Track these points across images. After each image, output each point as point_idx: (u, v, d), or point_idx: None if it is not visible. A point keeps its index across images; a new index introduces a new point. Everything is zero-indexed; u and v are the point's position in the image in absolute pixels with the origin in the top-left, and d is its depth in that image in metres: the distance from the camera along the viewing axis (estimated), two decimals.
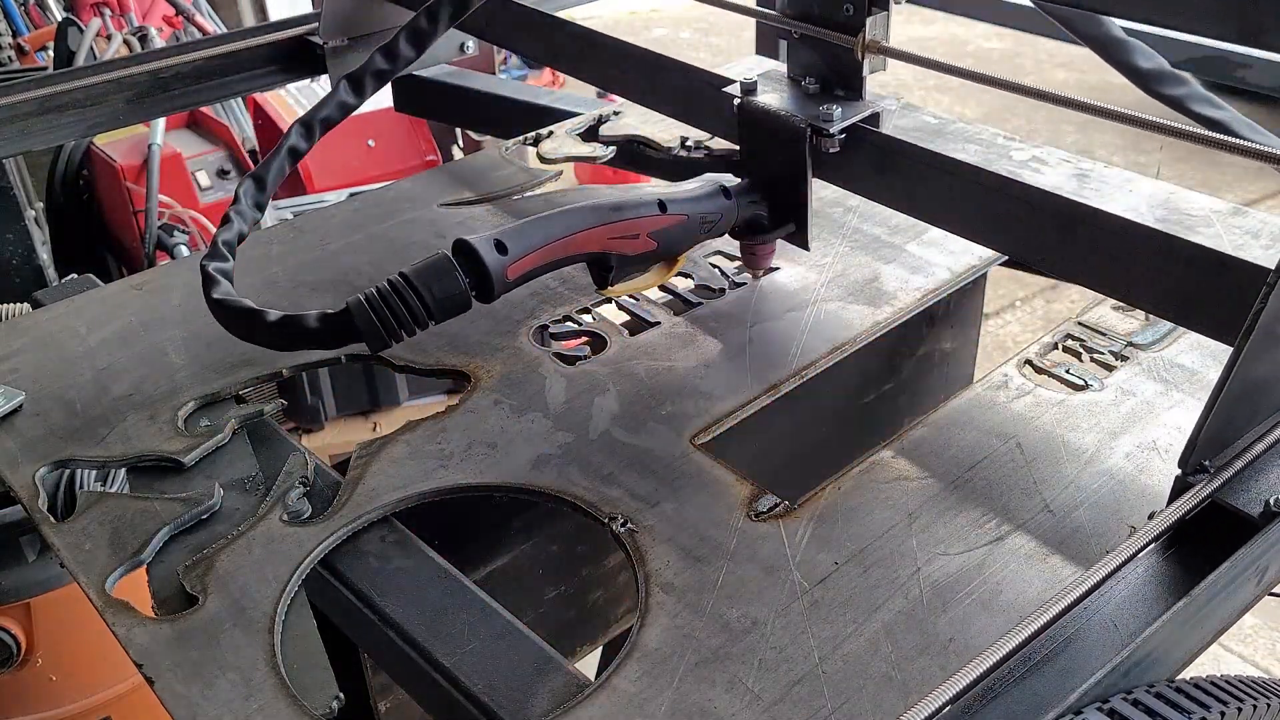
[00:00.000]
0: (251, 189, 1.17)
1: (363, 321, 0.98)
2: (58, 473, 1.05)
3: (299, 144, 1.23)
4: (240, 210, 1.15)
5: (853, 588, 0.87)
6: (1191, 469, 0.86)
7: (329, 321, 1.00)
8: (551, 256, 1.04)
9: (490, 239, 1.00)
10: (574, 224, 1.04)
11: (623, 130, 1.63)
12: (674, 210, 1.11)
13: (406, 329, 0.99)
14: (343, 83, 1.26)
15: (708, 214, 1.14)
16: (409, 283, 0.98)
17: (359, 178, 3.15)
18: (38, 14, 4.26)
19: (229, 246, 1.11)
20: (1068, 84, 6.74)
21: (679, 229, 1.11)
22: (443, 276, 0.99)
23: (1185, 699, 0.79)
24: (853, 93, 1.16)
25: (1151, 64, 0.94)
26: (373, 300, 0.98)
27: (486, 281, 1.00)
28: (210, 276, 1.07)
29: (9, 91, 1.46)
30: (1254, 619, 3.18)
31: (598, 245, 1.06)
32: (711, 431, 1.05)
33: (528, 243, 1.01)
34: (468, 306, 1.01)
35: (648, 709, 0.78)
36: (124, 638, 0.85)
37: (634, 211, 1.08)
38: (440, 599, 0.90)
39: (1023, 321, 4.35)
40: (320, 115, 1.25)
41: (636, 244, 1.08)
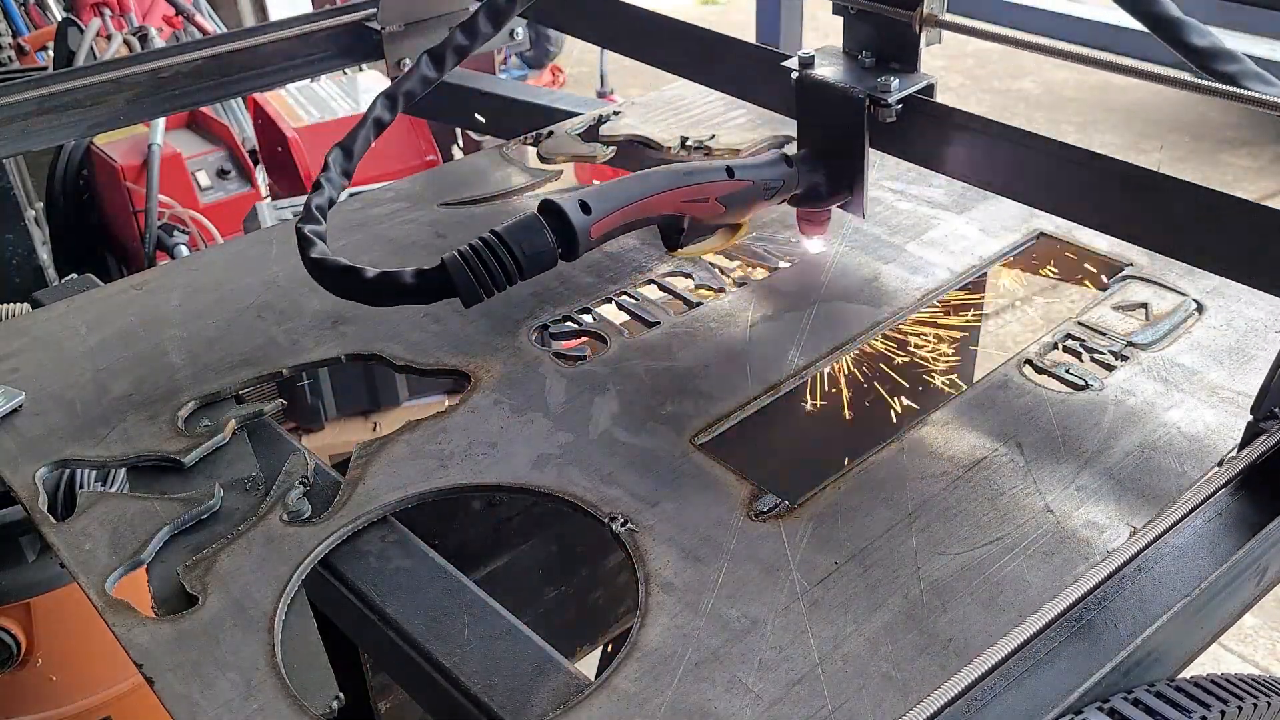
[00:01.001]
0: (340, 156, 1.22)
1: (458, 276, 1.02)
2: (58, 473, 1.05)
3: (383, 115, 1.27)
4: (330, 177, 1.20)
5: (853, 588, 0.87)
6: (1263, 415, 0.91)
7: (424, 277, 1.04)
8: (631, 217, 1.10)
9: (575, 199, 1.05)
10: (651, 186, 1.11)
11: (623, 130, 1.63)
12: (740, 176, 1.17)
13: (498, 284, 1.04)
14: (424, 57, 1.30)
15: (770, 180, 1.20)
16: (501, 240, 1.03)
17: (359, 178, 3.14)
18: (38, 14, 4.25)
19: (321, 210, 1.16)
20: (1068, 83, 6.74)
21: (744, 194, 1.18)
22: (533, 234, 1.04)
23: (1186, 698, 0.79)
24: (908, 65, 1.21)
25: (1206, 41, 0.96)
26: (467, 256, 1.02)
27: (572, 240, 1.05)
28: (306, 238, 1.11)
29: (9, 91, 1.46)
30: (1254, 619, 3.18)
31: (671, 207, 1.13)
32: (711, 431, 1.05)
33: (610, 203, 1.07)
34: (554, 264, 1.06)
35: (648, 709, 0.78)
36: (124, 638, 0.85)
37: (704, 176, 1.15)
38: (440, 599, 0.90)
39: (1023, 321, 4.35)
40: (404, 89, 1.29)
41: (705, 207, 1.15)
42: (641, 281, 1.29)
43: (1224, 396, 1.06)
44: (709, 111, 1.68)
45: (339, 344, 1.20)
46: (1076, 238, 1.34)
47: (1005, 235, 1.35)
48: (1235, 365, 1.11)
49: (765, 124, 1.62)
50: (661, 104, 1.72)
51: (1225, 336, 1.15)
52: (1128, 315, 1.19)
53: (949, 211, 1.41)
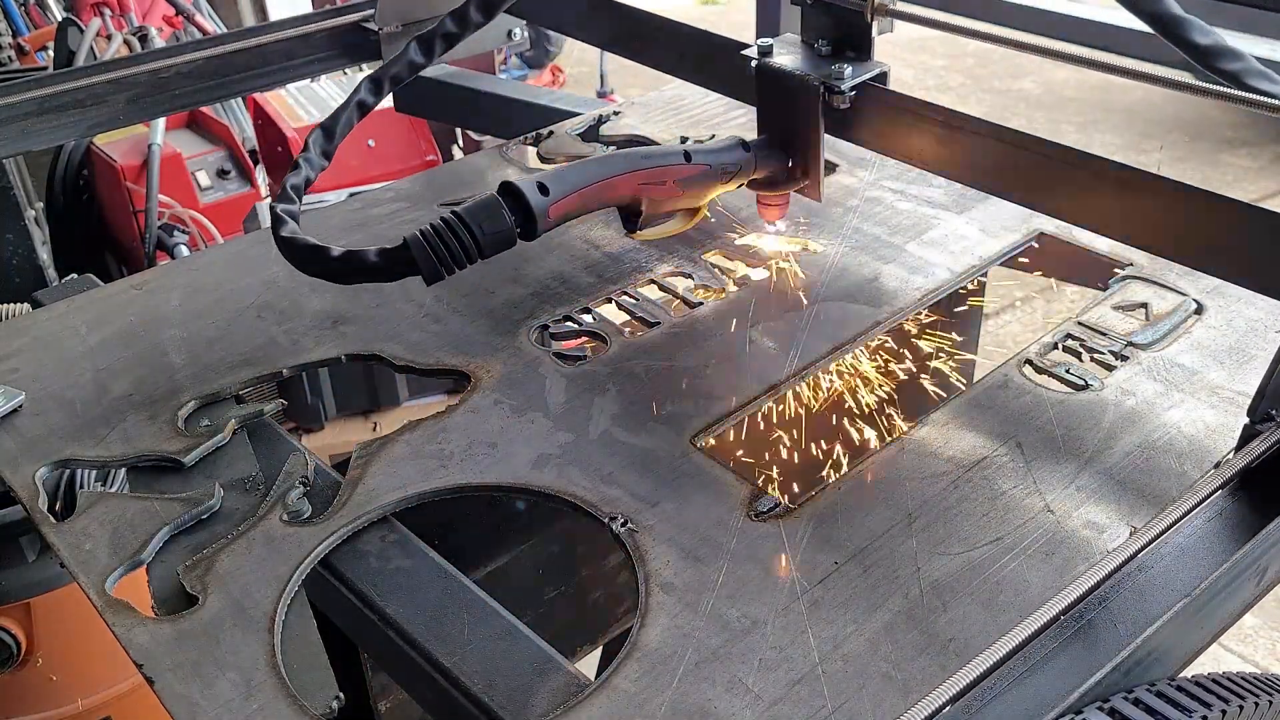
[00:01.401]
0: (320, 138, 1.23)
1: (420, 255, 1.05)
2: (58, 473, 1.05)
3: (367, 98, 1.28)
4: (308, 157, 1.22)
5: (853, 588, 0.87)
6: (1260, 417, 0.92)
7: (388, 256, 1.06)
8: (589, 199, 1.13)
9: (534, 181, 1.08)
10: (609, 169, 1.14)
11: (622, 130, 1.63)
12: (697, 160, 1.20)
13: (458, 262, 1.06)
14: (413, 43, 1.31)
15: (728, 164, 1.23)
16: (461, 220, 1.05)
17: (359, 178, 3.15)
18: (38, 14, 4.25)
19: (296, 190, 1.18)
20: (1068, 82, 6.74)
21: (701, 177, 1.21)
22: (492, 214, 1.06)
23: (1187, 697, 0.79)
24: (862, 54, 1.24)
25: (1209, 40, 0.97)
26: (428, 235, 1.05)
27: (530, 220, 1.07)
28: (279, 217, 1.13)
29: (9, 91, 1.46)
30: (1254, 619, 3.18)
31: (630, 190, 1.16)
32: (711, 431, 1.05)
33: (568, 185, 1.10)
34: (513, 243, 1.08)
35: (648, 709, 0.78)
36: (124, 638, 0.85)
37: (662, 160, 1.18)
38: (440, 599, 0.90)
39: (1023, 321, 4.35)
40: (390, 72, 1.30)
41: (664, 190, 1.18)
42: (641, 281, 1.29)
43: (1224, 396, 1.06)
44: (709, 111, 1.68)
45: (339, 344, 1.20)
46: (1076, 238, 1.34)
47: (1005, 235, 1.35)
48: (1235, 365, 1.11)
49: None
50: (661, 104, 1.72)
51: (1225, 336, 1.15)
52: (1128, 315, 1.19)
53: (949, 211, 1.41)
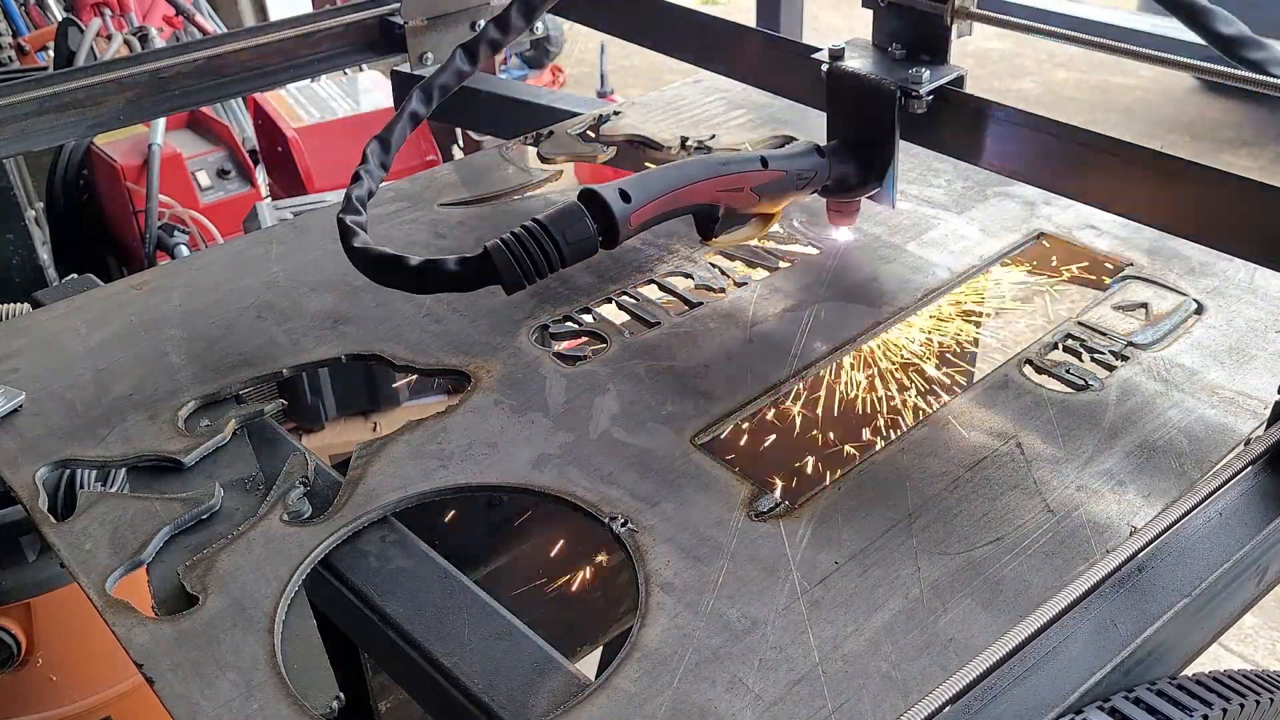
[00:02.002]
0: (378, 149, 1.24)
1: (502, 264, 1.03)
2: (58, 473, 1.05)
3: (419, 109, 1.29)
4: (369, 169, 1.22)
5: (853, 588, 0.87)
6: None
7: (468, 265, 1.04)
8: (669, 206, 1.11)
9: (615, 188, 1.07)
10: (689, 176, 1.13)
11: (623, 130, 1.63)
12: (774, 166, 1.18)
13: (540, 271, 1.04)
14: (458, 51, 1.32)
15: (803, 170, 1.22)
16: (544, 228, 1.04)
17: None
18: (38, 14, 4.25)
19: (361, 201, 1.18)
20: (1068, 83, 6.74)
21: (777, 183, 1.19)
22: (574, 222, 1.05)
23: (1187, 695, 0.79)
24: (939, 57, 1.22)
25: (1232, 29, 0.97)
26: (510, 244, 1.03)
27: (612, 227, 1.06)
28: (348, 228, 1.13)
29: (9, 91, 1.46)
30: (1254, 619, 3.18)
31: (708, 196, 1.14)
32: (711, 431, 1.05)
33: (649, 192, 1.09)
34: (594, 251, 1.07)
35: (648, 709, 0.78)
36: (124, 638, 0.85)
37: (739, 166, 1.17)
38: (440, 599, 0.90)
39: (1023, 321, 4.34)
40: (439, 82, 1.31)
41: (740, 197, 1.17)
42: (641, 281, 1.29)
43: (1224, 396, 1.06)
44: (709, 111, 1.68)
45: (339, 344, 1.19)
46: (1076, 238, 1.34)
47: (1005, 235, 1.35)
48: (1235, 365, 1.11)
49: (765, 124, 1.62)
50: (662, 104, 1.72)
51: (1225, 336, 1.15)
52: (1128, 315, 1.19)
53: (949, 211, 1.41)
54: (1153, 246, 1.31)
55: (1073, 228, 1.36)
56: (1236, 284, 1.23)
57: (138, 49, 3.01)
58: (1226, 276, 1.25)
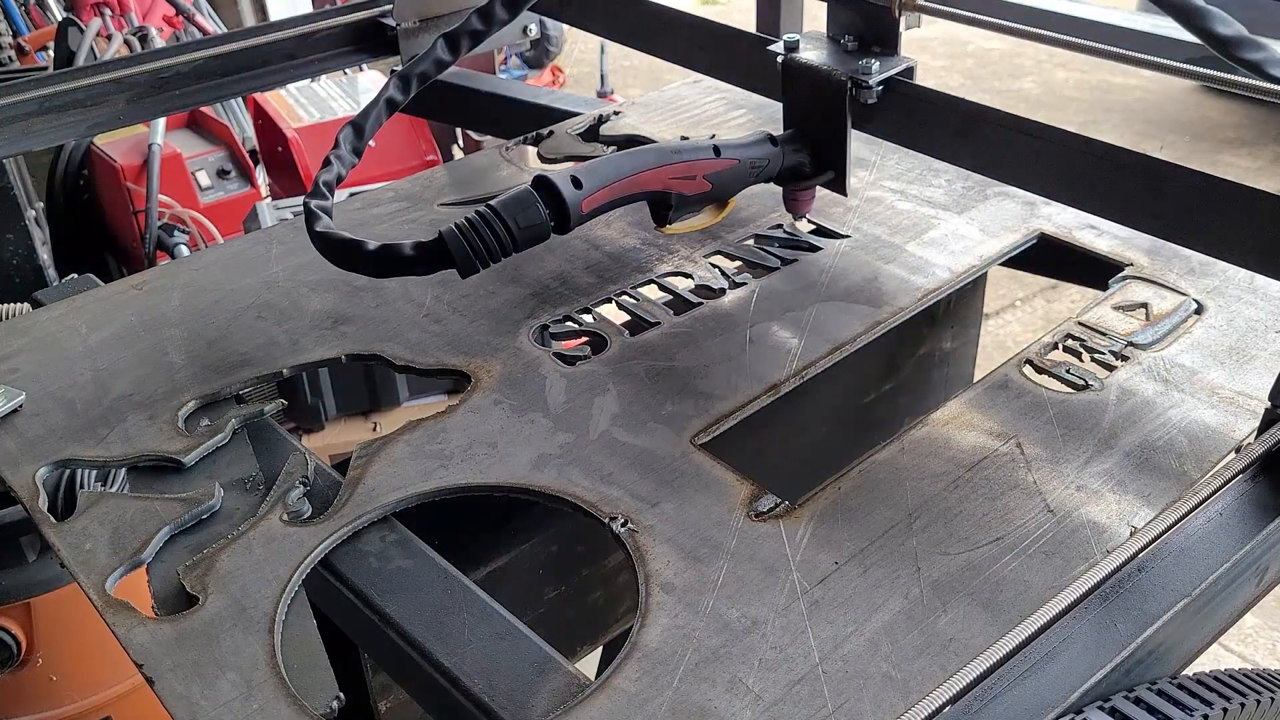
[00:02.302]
0: (350, 135, 1.25)
1: (455, 248, 1.05)
2: (58, 473, 1.05)
3: (395, 95, 1.30)
4: (339, 154, 1.23)
5: (853, 588, 0.87)
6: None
7: (423, 249, 1.07)
8: (620, 192, 1.14)
9: (567, 175, 1.10)
10: (640, 163, 1.15)
11: (623, 130, 1.63)
12: (727, 155, 1.21)
13: (494, 255, 1.07)
14: (440, 41, 1.33)
15: (756, 159, 1.24)
16: (496, 214, 1.06)
17: (359, 178, 3.15)
18: (38, 14, 4.26)
19: (329, 186, 1.20)
20: (1068, 83, 6.74)
21: (730, 172, 1.22)
22: (526, 208, 1.07)
23: (1188, 695, 0.79)
24: (889, 49, 1.25)
25: (1230, 30, 0.98)
26: (464, 229, 1.06)
27: (564, 213, 1.09)
28: (313, 212, 1.15)
29: (9, 91, 1.46)
30: (1254, 619, 3.18)
31: (660, 184, 1.17)
32: (711, 431, 1.05)
33: (600, 178, 1.11)
34: (546, 237, 1.09)
35: (648, 709, 0.78)
36: (124, 638, 0.85)
37: (692, 154, 1.19)
38: (440, 599, 0.90)
39: (1023, 321, 4.35)
40: (417, 70, 1.32)
41: (693, 185, 1.19)
42: (641, 281, 1.29)
43: (1224, 396, 1.06)
44: (709, 111, 1.68)
45: (339, 344, 1.20)
46: (1076, 238, 1.34)
47: (1005, 235, 1.35)
48: (1235, 365, 1.11)
49: (765, 124, 1.62)
50: (661, 104, 1.72)
51: (1225, 336, 1.15)
52: (1128, 315, 1.19)
53: (949, 211, 1.41)
54: (1153, 246, 1.31)
55: (1073, 228, 1.36)
56: (1236, 284, 1.23)
57: (138, 49, 3.01)
58: (1226, 276, 1.25)
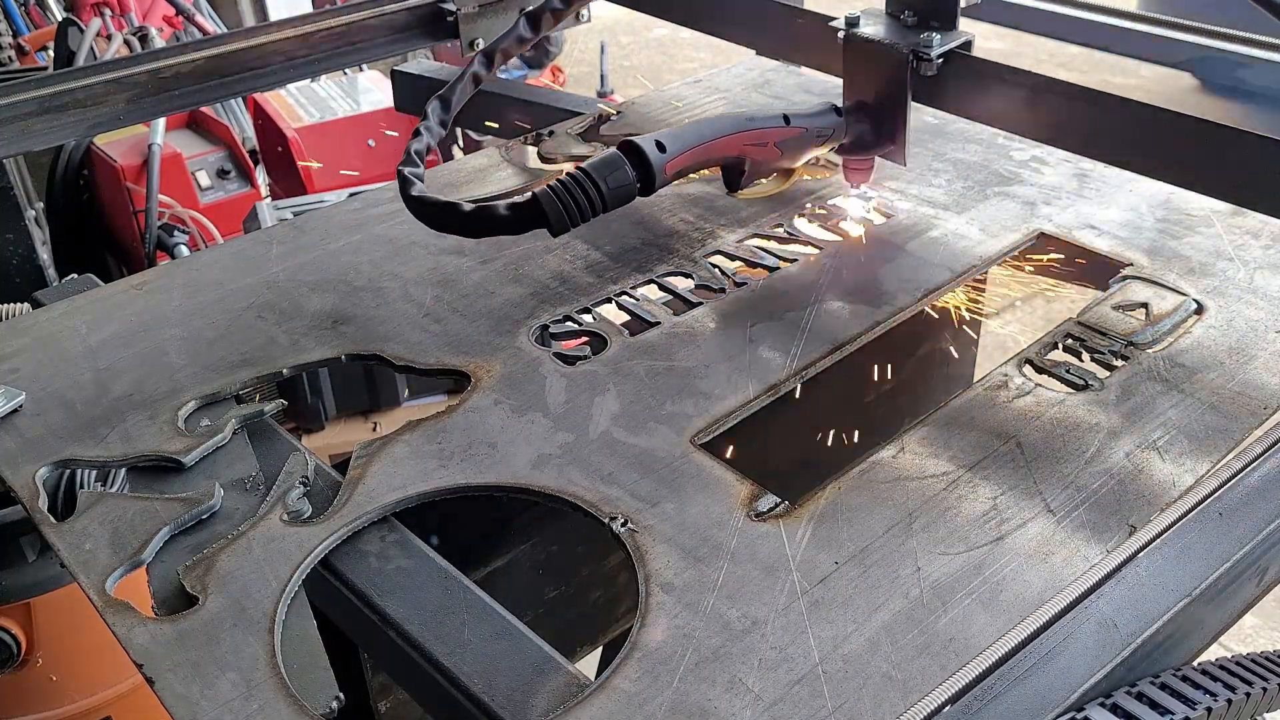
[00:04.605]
0: (438, 107, 1.30)
1: (549, 207, 1.10)
2: (58, 473, 1.05)
3: (480, 70, 1.34)
4: (429, 126, 1.28)
5: (853, 588, 0.87)
6: None
7: (517, 209, 1.11)
8: (700, 156, 1.19)
9: (652, 139, 1.15)
10: (719, 129, 1.22)
11: (623, 130, 1.63)
12: (796, 123, 1.27)
13: (584, 215, 1.12)
14: (522, 18, 1.37)
15: (822, 128, 1.30)
16: (587, 175, 1.11)
17: (359, 178, 3.15)
18: (38, 14, 4.26)
19: (419, 155, 1.24)
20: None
21: (798, 140, 1.28)
22: (615, 169, 1.13)
23: (1190, 686, 0.79)
24: (947, 23, 1.30)
25: None
26: (557, 190, 1.11)
27: (650, 175, 1.14)
28: (406, 179, 1.19)
29: (9, 91, 1.46)
30: (1254, 619, 3.18)
31: (735, 149, 1.23)
32: (711, 431, 1.05)
33: (683, 143, 1.17)
34: (633, 197, 1.15)
35: (648, 709, 0.78)
36: (124, 638, 0.85)
37: (764, 122, 1.26)
38: (440, 599, 0.90)
39: (1023, 321, 4.34)
40: (500, 46, 1.36)
41: (764, 151, 1.26)
42: (641, 281, 1.29)
43: (1224, 396, 1.06)
44: (709, 111, 1.68)
45: (339, 344, 1.19)
46: (1076, 238, 1.34)
47: (1005, 235, 1.35)
48: (1235, 365, 1.11)
49: None
50: (661, 104, 1.72)
51: (1225, 336, 1.15)
52: (1128, 315, 1.19)
53: (949, 211, 1.41)
54: (1153, 246, 1.31)
55: (1073, 228, 1.36)
56: (1236, 284, 1.23)
57: (138, 49, 3.01)
58: (1226, 276, 1.25)
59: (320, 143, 3.20)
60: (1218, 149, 1.12)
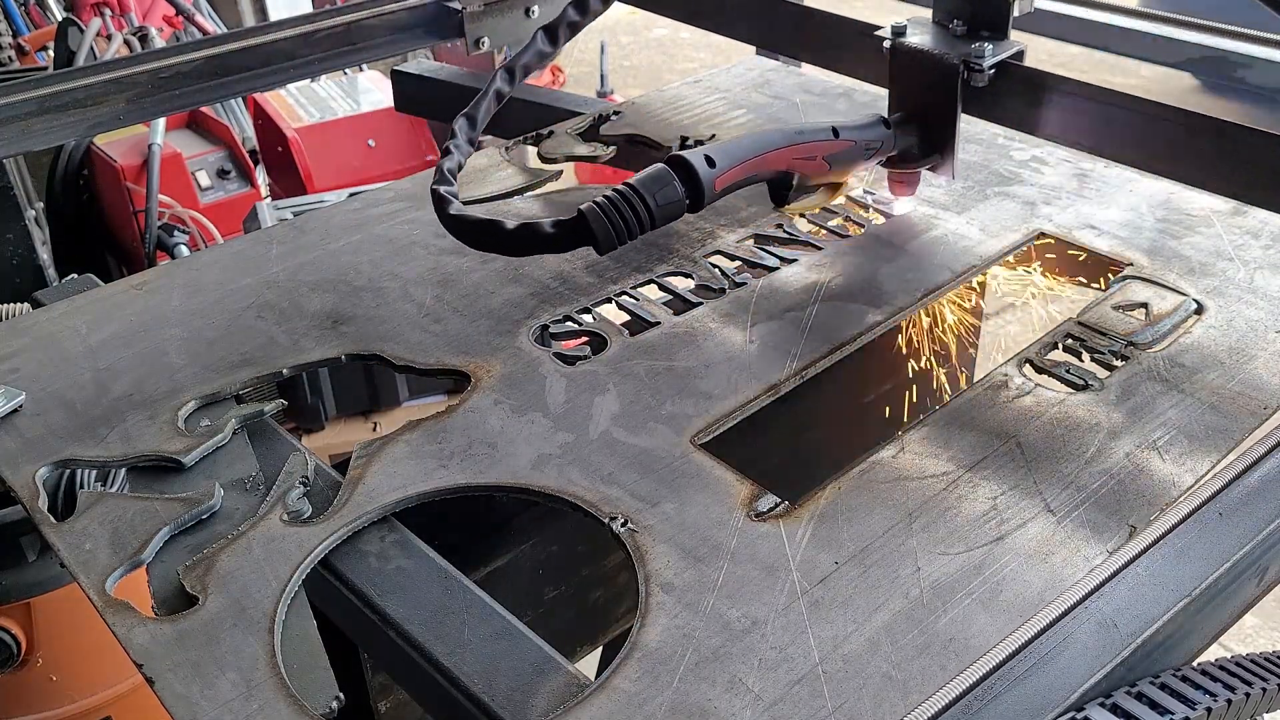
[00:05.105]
0: (465, 125, 1.28)
1: (596, 225, 1.07)
2: (58, 473, 1.05)
3: (503, 87, 1.33)
4: (457, 144, 1.26)
5: (853, 588, 0.87)
6: None
7: (563, 227, 1.07)
8: (749, 172, 1.16)
9: (701, 154, 1.12)
10: (768, 143, 1.18)
11: (623, 130, 1.63)
12: (845, 136, 1.24)
13: (632, 232, 1.08)
14: (539, 33, 1.35)
15: (870, 141, 1.27)
16: (635, 191, 1.08)
17: (359, 178, 3.15)
18: (38, 14, 4.26)
19: (451, 173, 1.22)
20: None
21: (847, 153, 1.25)
22: (664, 185, 1.09)
23: (1190, 687, 0.79)
24: (998, 33, 1.28)
25: None
26: (604, 206, 1.07)
27: (698, 191, 1.10)
28: (443, 197, 1.16)
29: (9, 91, 1.46)
30: (1254, 619, 3.18)
31: (784, 164, 1.20)
32: (711, 431, 1.05)
33: (732, 158, 1.14)
34: (682, 214, 1.11)
35: (648, 709, 0.78)
36: (124, 638, 0.85)
37: (813, 135, 1.23)
38: (440, 599, 0.90)
39: (1023, 321, 4.34)
40: (521, 62, 1.35)
41: (813, 165, 1.23)
42: (641, 281, 1.29)
43: (1224, 396, 1.06)
44: (709, 111, 1.68)
45: (339, 344, 1.19)
46: (1076, 238, 1.34)
47: (1005, 235, 1.35)
48: (1235, 365, 1.11)
49: (765, 124, 1.62)
50: (662, 104, 1.72)
51: (1225, 336, 1.15)
52: (1128, 315, 1.19)
53: (949, 211, 1.41)
54: (1153, 246, 1.31)
55: (1073, 228, 1.36)
56: (1236, 284, 1.23)
57: (138, 49, 3.01)
58: (1226, 276, 1.25)
59: (320, 143, 3.20)
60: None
